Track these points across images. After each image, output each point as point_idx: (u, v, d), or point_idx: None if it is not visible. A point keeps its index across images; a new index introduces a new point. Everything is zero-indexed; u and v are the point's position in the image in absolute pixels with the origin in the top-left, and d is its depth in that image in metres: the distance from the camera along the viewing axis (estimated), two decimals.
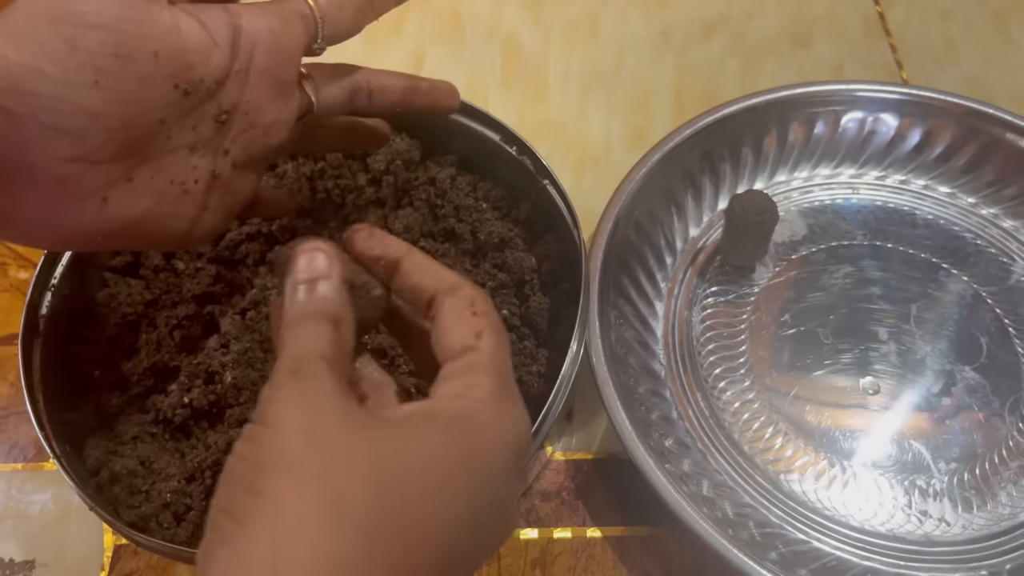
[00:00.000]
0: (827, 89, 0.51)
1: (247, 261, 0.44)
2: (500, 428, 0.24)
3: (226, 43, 0.29)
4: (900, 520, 0.40)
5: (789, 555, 0.39)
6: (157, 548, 0.33)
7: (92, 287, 0.43)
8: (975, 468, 0.41)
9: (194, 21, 0.28)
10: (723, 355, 0.45)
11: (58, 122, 0.25)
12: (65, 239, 0.29)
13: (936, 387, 0.44)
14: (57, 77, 0.24)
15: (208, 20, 0.28)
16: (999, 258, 0.48)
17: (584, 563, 0.41)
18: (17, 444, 0.45)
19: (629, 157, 0.49)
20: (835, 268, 0.48)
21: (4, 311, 0.50)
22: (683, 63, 0.61)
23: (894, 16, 0.63)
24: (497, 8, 0.64)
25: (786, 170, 0.52)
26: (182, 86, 0.28)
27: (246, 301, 0.42)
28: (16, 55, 0.24)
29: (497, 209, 0.46)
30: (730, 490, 0.41)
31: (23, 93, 0.24)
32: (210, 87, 0.29)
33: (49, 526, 0.43)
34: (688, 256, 0.49)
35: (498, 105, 0.58)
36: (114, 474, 0.37)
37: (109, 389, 0.40)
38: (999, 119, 0.49)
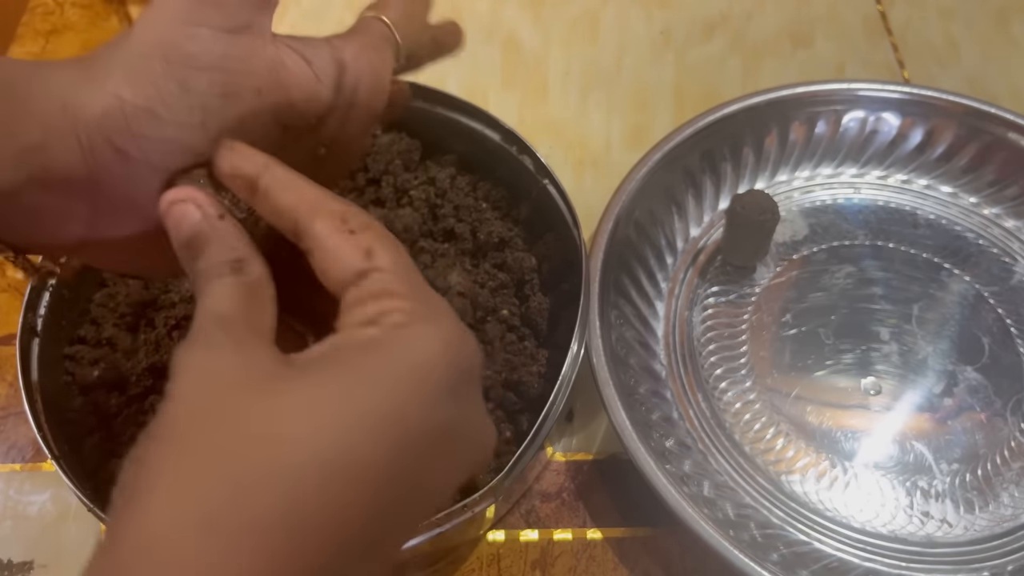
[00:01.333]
0: (828, 88, 0.51)
1: None
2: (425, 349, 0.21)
3: (330, 80, 0.28)
4: (902, 521, 0.40)
5: (790, 556, 0.38)
6: None
7: (90, 287, 0.43)
8: (977, 469, 0.41)
9: (298, 57, 0.27)
10: (724, 355, 0.45)
11: (167, 162, 0.25)
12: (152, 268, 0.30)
13: (938, 388, 0.43)
14: (169, 119, 0.24)
15: (312, 56, 0.27)
16: (1001, 258, 0.48)
17: (584, 564, 0.41)
18: (15, 445, 0.45)
19: (629, 157, 0.48)
20: (836, 268, 0.48)
21: (2, 311, 0.50)
22: (684, 62, 0.60)
23: (895, 15, 0.63)
24: (497, 7, 0.64)
25: (787, 170, 0.52)
26: (283, 122, 0.27)
27: None
28: (132, 96, 0.23)
29: (497, 209, 0.46)
30: (731, 491, 0.41)
31: (137, 136, 0.24)
32: (311, 123, 0.28)
33: (47, 527, 0.42)
34: (689, 256, 0.49)
35: (498, 105, 0.58)
36: (113, 475, 0.37)
37: (108, 389, 0.40)
38: (1001, 119, 0.49)
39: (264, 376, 0.21)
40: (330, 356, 0.21)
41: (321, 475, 0.19)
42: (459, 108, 0.46)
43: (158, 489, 0.19)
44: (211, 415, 0.20)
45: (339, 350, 0.21)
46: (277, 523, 0.18)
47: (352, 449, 0.20)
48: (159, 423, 0.20)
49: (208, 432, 0.20)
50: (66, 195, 0.24)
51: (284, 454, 0.19)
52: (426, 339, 0.21)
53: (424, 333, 0.21)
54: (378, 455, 0.20)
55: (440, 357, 0.21)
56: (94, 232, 0.26)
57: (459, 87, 0.59)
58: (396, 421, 0.20)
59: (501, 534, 0.42)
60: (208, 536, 0.18)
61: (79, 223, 0.25)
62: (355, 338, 0.21)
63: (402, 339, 0.21)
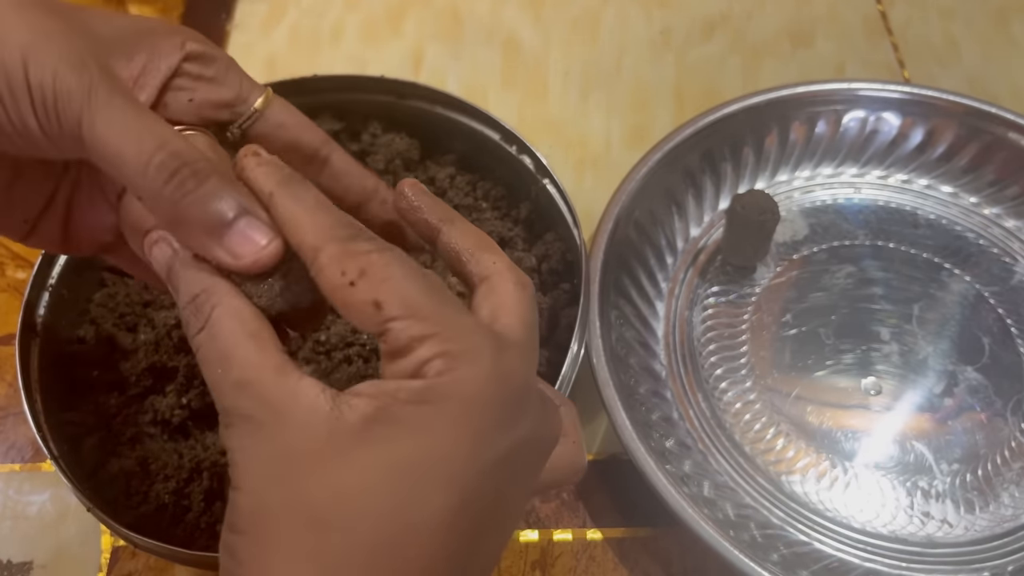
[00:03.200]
0: (828, 88, 0.51)
1: None
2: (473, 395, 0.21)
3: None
4: (902, 521, 0.40)
5: (790, 556, 0.38)
6: (155, 549, 0.33)
7: (90, 287, 0.43)
8: (977, 469, 0.41)
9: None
10: (724, 355, 0.45)
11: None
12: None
13: (938, 388, 0.43)
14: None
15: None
16: (1001, 258, 0.48)
17: (584, 564, 0.41)
18: (15, 445, 0.45)
19: (629, 156, 0.48)
20: (837, 268, 0.48)
21: (1, 311, 0.50)
22: (684, 62, 0.60)
23: (895, 15, 0.63)
24: (497, 7, 0.64)
25: (787, 170, 0.52)
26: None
27: None
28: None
29: (497, 209, 0.46)
30: (731, 491, 0.41)
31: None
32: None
33: (47, 527, 0.42)
34: (689, 256, 0.49)
35: (498, 104, 0.58)
36: (112, 475, 0.37)
37: (107, 389, 0.40)
38: (1001, 118, 0.49)
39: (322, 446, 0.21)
40: (384, 413, 0.21)
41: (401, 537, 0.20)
42: (459, 108, 0.46)
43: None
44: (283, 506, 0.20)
45: (390, 405, 0.21)
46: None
47: (424, 505, 0.20)
48: (238, 515, 0.21)
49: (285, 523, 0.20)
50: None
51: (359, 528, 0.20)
52: (471, 382, 0.21)
53: (468, 376, 0.21)
54: (449, 502, 0.21)
55: (489, 396, 0.21)
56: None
57: (459, 87, 0.59)
58: (460, 468, 0.21)
59: None
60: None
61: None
62: (404, 390, 0.21)
63: (449, 389, 0.21)
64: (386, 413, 0.21)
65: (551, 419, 0.25)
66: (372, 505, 0.20)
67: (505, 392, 0.22)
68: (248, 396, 0.21)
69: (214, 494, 0.37)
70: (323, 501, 0.20)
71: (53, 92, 0.22)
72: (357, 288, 0.21)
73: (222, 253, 0.22)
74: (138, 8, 0.65)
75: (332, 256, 0.22)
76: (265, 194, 0.23)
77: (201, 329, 0.22)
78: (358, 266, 0.21)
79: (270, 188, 0.23)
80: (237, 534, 0.21)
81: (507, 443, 0.22)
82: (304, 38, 0.62)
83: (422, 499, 0.20)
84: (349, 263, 0.21)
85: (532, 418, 0.23)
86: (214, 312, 0.22)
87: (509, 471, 0.22)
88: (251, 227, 0.22)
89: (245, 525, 0.21)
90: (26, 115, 0.22)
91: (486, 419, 0.21)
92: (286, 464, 0.21)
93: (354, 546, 0.20)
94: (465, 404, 0.21)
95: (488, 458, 0.21)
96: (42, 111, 0.22)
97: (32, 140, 0.23)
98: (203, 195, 0.22)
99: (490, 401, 0.21)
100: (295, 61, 0.61)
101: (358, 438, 0.20)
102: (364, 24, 0.63)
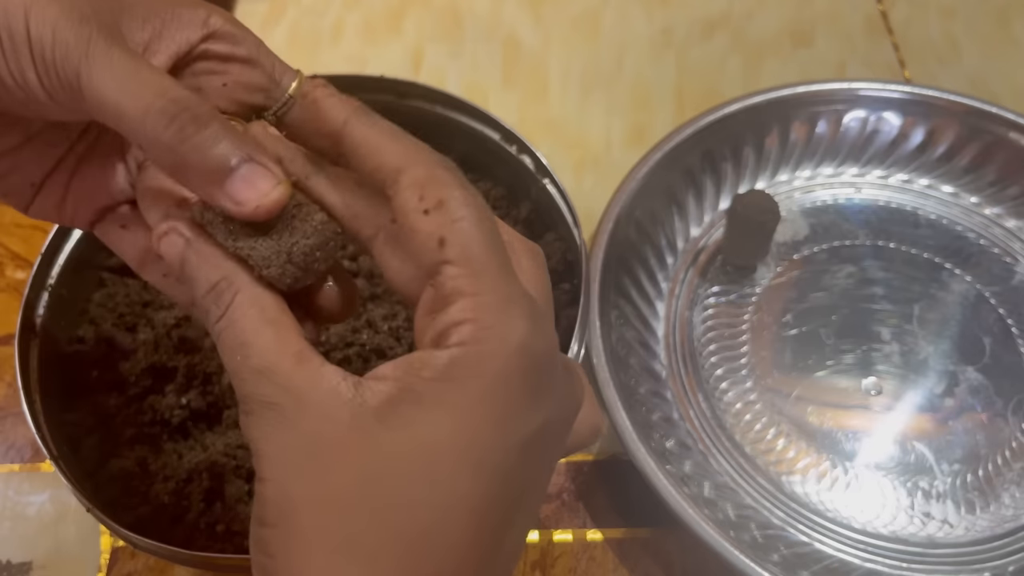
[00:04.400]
0: (829, 88, 0.51)
1: None
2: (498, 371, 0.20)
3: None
4: (903, 522, 0.40)
5: (791, 557, 0.38)
6: (155, 550, 0.33)
7: (89, 287, 0.43)
8: (978, 469, 0.41)
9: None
10: (725, 356, 0.45)
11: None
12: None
13: (939, 388, 0.43)
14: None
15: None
16: (1002, 258, 0.48)
17: (585, 565, 0.41)
18: (14, 445, 0.45)
19: (630, 156, 0.48)
20: (837, 268, 0.48)
21: (2, 311, 0.50)
22: (684, 62, 0.60)
23: (896, 14, 0.63)
24: (497, 7, 0.64)
25: (788, 169, 0.52)
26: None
27: None
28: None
29: (497, 209, 0.46)
30: (732, 492, 0.40)
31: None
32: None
33: (46, 527, 0.42)
34: (689, 256, 0.49)
35: (498, 104, 0.58)
36: (112, 475, 0.37)
37: (106, 390, 0.40)
38: (1002, 118, 0.49)
39: (343, 434, 0.20)
40: (407, 394, 0.20)
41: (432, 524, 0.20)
42: (459, 108, 0.46)
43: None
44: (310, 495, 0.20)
45: (414, 384, 0.20)
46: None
47: (453, 490, 0.20)
48: (266, 507, 0.21)
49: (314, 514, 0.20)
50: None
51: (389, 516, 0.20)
52: (498, 358, 0.20)
53: (495, 351, 0.20)
54: (479, 485, 0.20)
55: (516, 372, 0.20)
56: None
57: (459, 87, 0.59)
58: (488, 450, 0.20)
59: None
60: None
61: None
62: (429, 367, 0.20)
63: (474, 364, 0.20)
64: (410, 393, 0.20)
65: (575, 389, 0.24)
66: (399, 491, 0.20)
67: (533, 368, 0.21)
68: (268, 382, 0.21)
69: (214, 494, 0.37)
70: (349, 489, 0.20)
71: (52, 45, 0.21)
72: (429, 218, 0.21)
73: (224, 199, 0.22)
74: None
75: (415, 179, 0.21)
76: (340, 121, 0.23)
77: (221, 317, 0.22)
78: (438, 196, 0.21)
79: (344, 116, 0.23)
80: (267, 527, 0.21)
81: (536, 421, 0.21)
82: (304, 38, 0.62)
83: (450, 483, 0.20)
84: (430, 190, 0.21)
85: (559, 392, 0.22)
86: (235, 299, 0.22)
87: (538, 449, 0.22)
88: (255, 173, 0.22)
89: (274, 518, 0.20)
90: (26, 69, 0.22)
91: (513, 397, 0.20)
92: (310, 452, 0.20)
93: (385, 534, 0.20)
94: (492, 381, 0.20)
95: (517, 437, 0.21)
96: (41, 65, 0.22)
97: (34, 96, 0.22)
98: (204, 139, 0.22)
99: (517, 378, 0.20)
100: (295, 61, 0.60)
101: (381, 422, 0.20)
102: (364, 24, 0.63)
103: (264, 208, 0.22)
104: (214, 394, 0.39)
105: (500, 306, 0.21)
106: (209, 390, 0.39)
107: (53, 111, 0.23)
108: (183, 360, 0.40)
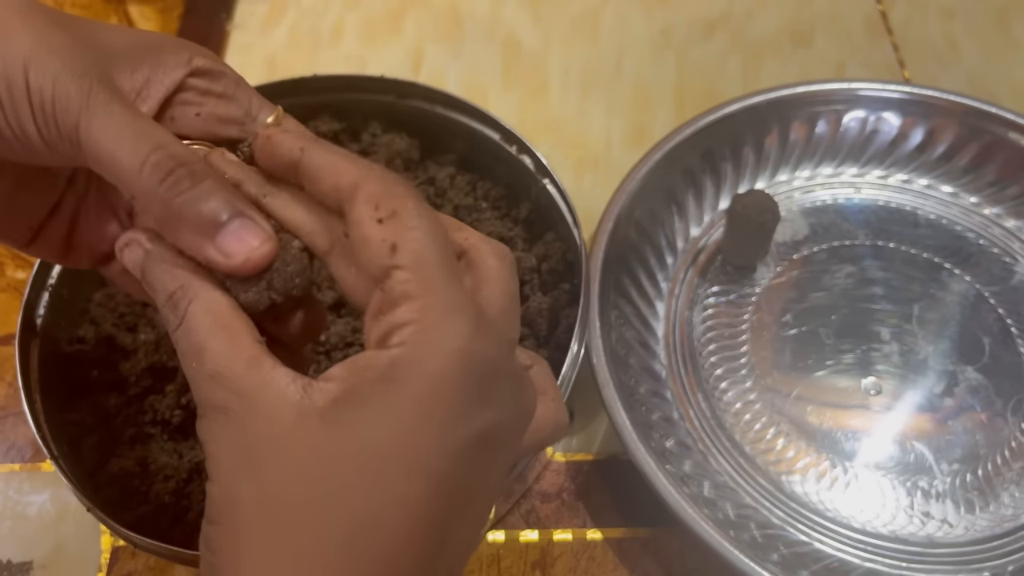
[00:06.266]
0: (829, 88, 0.51)
1: None
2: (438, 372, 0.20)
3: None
4: (902, 521, 0.40)
5: (791, 557, 0.38)
6: (155, 549, 0.33)
7: (90, 287, 0.43)
8: (978, 469, 0.41)
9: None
10: (724, 355, 0.45)
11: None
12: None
13: (938, 388, 0.43)
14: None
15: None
16: (1001, 258, 0.48)
17: (584, 565, 0.41)
18: (15, 445, 0.45)
19: (630, 156, 0.48)
20: (837, 268, 0.48)
21: (1, 311, 0.50)
22: (684, 62, 0.60)
23: (895, 15, 0.63)
24: (497, 7, 0.64)
25: (788, 169, 0.52)
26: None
27: None
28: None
29: (497, 209, 0.46)
30: (731, 491, 0.41)
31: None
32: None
33: (46, 527, 0.42)
34: (689, 256, 0.49)
35: (498, 104, 0.58)
36: (112, 475, 0.37)
37: (107, 389, 0.40)
38: (1001, 118, 0.49)
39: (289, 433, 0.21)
40: (351, 395, 0.21)
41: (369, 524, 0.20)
42: (459, 108, 0.46)
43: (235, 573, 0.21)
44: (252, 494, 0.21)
45: (358, 385, 0.21)
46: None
47: (389, 491, 0.20)
48: (212, 506, 0.21)
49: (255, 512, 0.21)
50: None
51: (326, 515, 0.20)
52: (438, 359, 0.21)
53: (434, 353, 0.21)
54: (417, 488, 0.20)
55: (457, 374, 0.21)
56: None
57: (459, 87, 0.59)
58: (426, 452, 0.21)
59: (501, 534, 0.42)
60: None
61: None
62: (372, 368, 0.21)
63: (414, 365, 0.20)
64: (353, 394, 0.21)
65: (525, 397, 0.24)
66: (337, 491, 0.20)
67: (474, 371, 0.21)
68: (220, 387, 0.21)
69: None
70: (290, 488, 0.20)
71: (52, 98, 0.22)
72: (383, 226, 0.21)
73: (213, 252, 0.22)
74: (138, 8, 0.65)
75: (370, 193, 0.22)
76: (296, 151, 0.23)
77: (179, 325, 0.23)
78: (392, 207, 0.22)
79: (301, 144, 0.23)
80: (212, 524, 0.21)
81: (478, 424, 0.21)
82: (304, 38, 0.62)
83: (387, 485, 0.20)
84: (385, 202, 0.22)
85: (505, 397, 0.22)
86: (190, 307, 0.22)
87: (481, 452, 0.22)
88: (245, 228, 0.23)
89: (218, 515, 0.21)
90: (25, 121, 0.22)
91: (453, 399, 0.21)
92: (255, 452, 0.21)
93: (322, 533, 0.20)
94: (430, 383, 0.20)
95: (457, 440, 0.21)
96: (41, 117, 0.22)
97: (31, 146, 0.23)
98: (198, 194, 0.22)
99: (458, 380, 0.21)
100: (295, 61, 0.61)
101: (325, 422, 0.20)
102: (364, 24, 0.63)
103: (252, 262, 0.23)
104: None
105: (444, 309, 0.21)
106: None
107: (48, 159, 0.24)
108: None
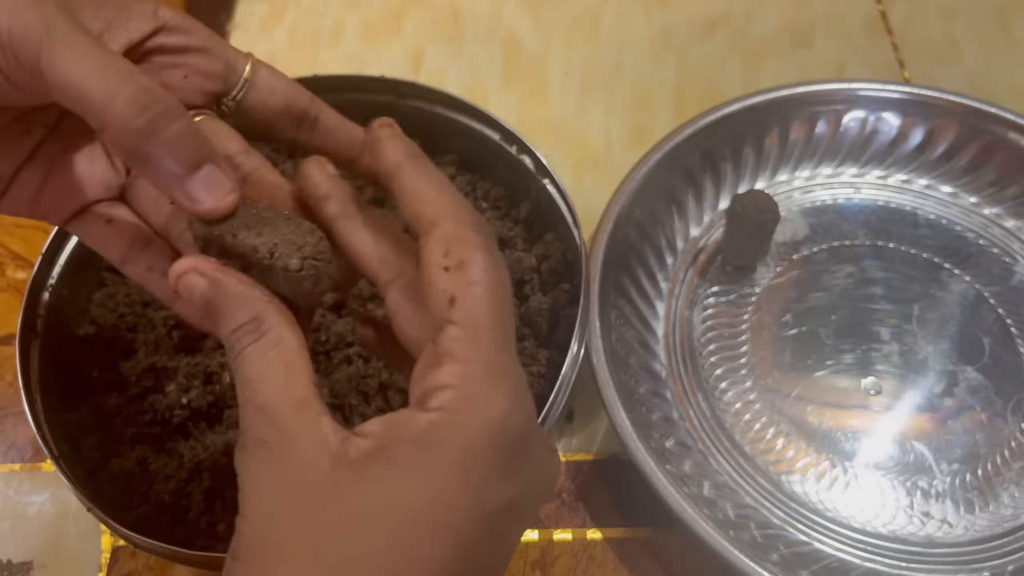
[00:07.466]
0: (829, 88, 0.51)
1: None
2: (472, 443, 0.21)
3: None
4: (902, 521, 0.40)
5: (790, 556, 0.38)
6: (155, 549, 0.33)
7: (90, 287, 0.43)
8: (977, 469, 0.41)
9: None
10: (724, 355, 0.45)
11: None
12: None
13: (938, 388, 0.43)
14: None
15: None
16: (1001, 258, 0.48)
17: (584, 564, 0.41)
18: (15, 445, 0.45)
19: (630, 156, 0.48)
20: (837, 268, 0.48)
21: (2, 311, 0.50)
22: (684, 62, 0.60)
23: (895, 15, 0.63)
24: (497, 6, 0.64)
25: (788, 169, 0.52)
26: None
27: None
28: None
29: (497, 209, 0.46)
30: (731, 491, 0.41)
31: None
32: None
33: (47, 527, 0.42)
34: (689, 256, 0.49)
35: (498, 104, 0.58)
36: (112, 475, 0.37)
37: (107, 389, 0.40)
38: (1001, 118, 0.49)
39: (322, 481, 0.21)
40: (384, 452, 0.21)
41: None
42: (459, 108, 0.46)
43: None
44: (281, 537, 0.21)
45: (392, 444, 0.21)
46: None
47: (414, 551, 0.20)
48: (240, 543, 0.21)
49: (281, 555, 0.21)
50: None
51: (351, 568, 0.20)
52: (474, 430, 0.21)
53: (472, 424, 0.21)
54: (440, 550, 0.21)
55: (491, 447, 0.21)
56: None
57: (459, 87, 0.59)
58: (454, 517, 0.21)
59: None
60: None
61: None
62: (408, 428, 0.21)
63: (451, 433, 0.21)
64: (387, 452, 0.21)
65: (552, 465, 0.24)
66: (361, 545, 0.20)
67: (507, 446, 0.21)
68: (266, 421, 0.21)
69: (214, 494, 0.37)
70: (315, 537, 0.20)
71: (8, 30, 0.21)
72: (448, 275, 0.21)
73: (181, 195, 0.23)
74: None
75: (444, 235, 0.22)
76: (394, 164, 0.23)
77: (241, 352, 0.22)
78: (461, 256, 0.22)
79: (399, 159, 0.23)
80: (238, 562, 0.21)
81: (504, 497, 0.21)
82: (304, 38, 0.62)
83: (413, 545, 0.20)
84: (455, 248, 0.22)
85: (534, 468, 0.23)
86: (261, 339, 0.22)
87: (505, 522, 0.22)
88: (214, 176, 0.23)
89: (245, 554, 0.21)
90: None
91: (484, 471, 0.21)
92: (288, 495, 0.21)
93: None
94: (465, 453, 0.21)
95: (484, 509, 0.21)
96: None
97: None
98: (174, 135, 0.22)
99: (491, 453, 0.21)
100: (295, 61, 0.61)
101: (357, 476, 0.21)
102: (364, 24, 0.63)
103: (219, 211, 0.23)
104: (215, 393, 0.39)
105: (486, 378, 0.21)
106: (210, 390, 0.39)
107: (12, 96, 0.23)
108: (184, 360, 0.40)
